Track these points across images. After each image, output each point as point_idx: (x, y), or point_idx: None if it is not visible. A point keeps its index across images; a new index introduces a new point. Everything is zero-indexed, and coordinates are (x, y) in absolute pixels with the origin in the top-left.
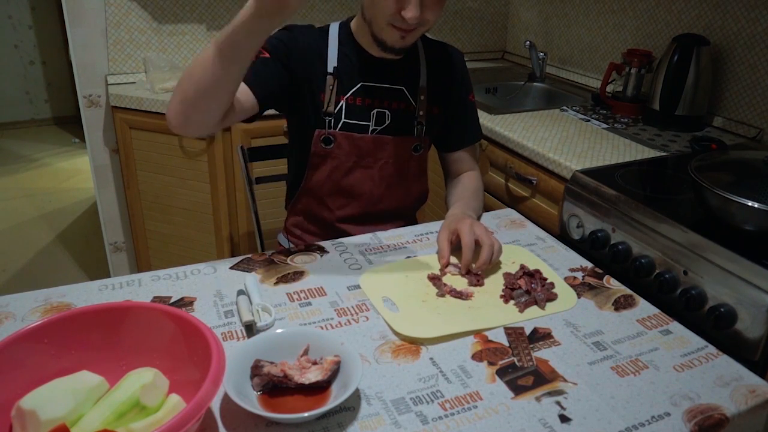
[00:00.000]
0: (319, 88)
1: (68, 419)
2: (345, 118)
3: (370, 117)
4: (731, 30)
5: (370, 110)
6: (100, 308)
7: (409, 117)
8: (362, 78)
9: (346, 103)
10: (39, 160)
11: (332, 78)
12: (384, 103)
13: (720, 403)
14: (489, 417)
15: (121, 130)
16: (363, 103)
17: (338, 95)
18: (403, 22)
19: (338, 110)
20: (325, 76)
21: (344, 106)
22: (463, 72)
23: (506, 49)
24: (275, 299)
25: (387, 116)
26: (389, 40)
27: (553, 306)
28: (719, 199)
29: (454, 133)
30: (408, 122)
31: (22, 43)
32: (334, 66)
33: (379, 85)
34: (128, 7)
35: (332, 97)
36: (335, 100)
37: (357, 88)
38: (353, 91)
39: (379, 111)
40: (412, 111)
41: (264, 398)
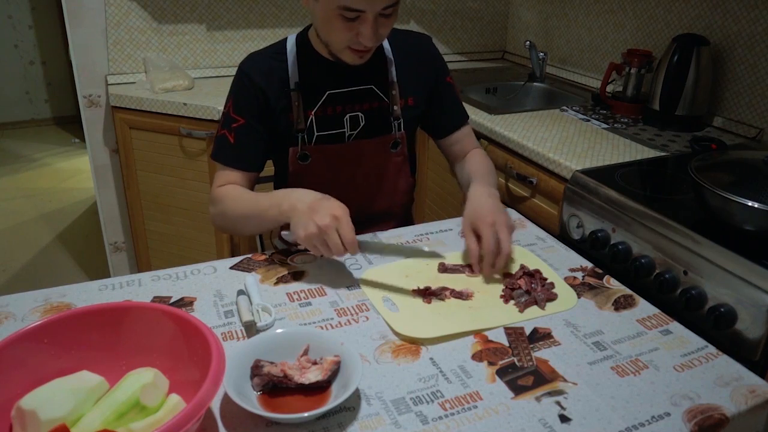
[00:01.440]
0: (287, 109)
1: (68, 419)
2: (317, 131)
3: (343, 123)
4: (731, 30)
5: (342, 117)
6: (100, 308)
7: (384, 114)
8: (327, 87)
9: (315, 116)
10: (39, 160)
11: (296, 94)
12: (355, 107)
13: (720, 403)
14: (489, 417)
15: (121, 130)
16: (333, 111)
17: (306, 110)
18: (360, 45)
19: (309, 125)
20: (289, 94)
21: (314, 120)
22: (434, 56)
23: (506, 49)
24: (275, 299)
25: (361, 118)
26: (348, 60)
27: (553, 306)
28: (719, 199)
29: (443, 118)
30: (384, 120)
31: (22, 43)
32: (295, 81)
33: (346, 90)
34: (128, 7)
35: (300, 113)
36: (304, 116)
37: (324, 99)
38: (321, 102)
39: (352, 115)
40: (386, 107)
41: (264, 398)
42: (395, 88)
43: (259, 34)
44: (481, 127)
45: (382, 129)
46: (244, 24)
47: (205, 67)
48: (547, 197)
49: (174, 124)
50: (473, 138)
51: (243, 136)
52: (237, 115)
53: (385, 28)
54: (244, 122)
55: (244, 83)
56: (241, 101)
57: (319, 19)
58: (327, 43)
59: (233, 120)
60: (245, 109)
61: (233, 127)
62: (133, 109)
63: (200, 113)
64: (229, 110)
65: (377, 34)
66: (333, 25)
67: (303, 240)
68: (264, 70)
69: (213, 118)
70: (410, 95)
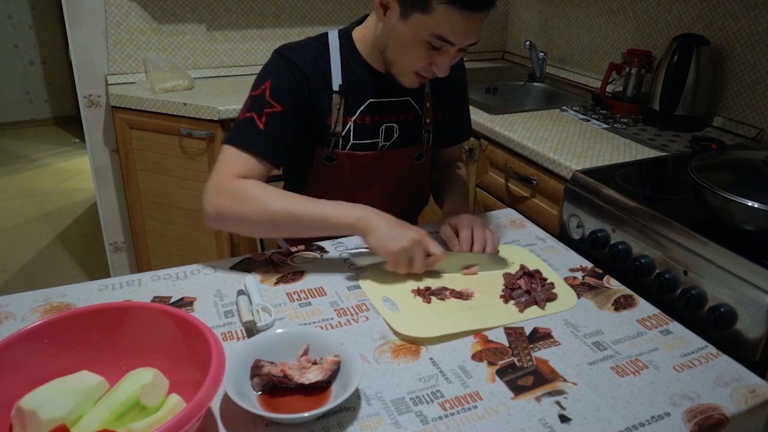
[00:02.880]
0: (326, 110)
1: (68, 419)
2: (354, 139)
3: (378, 134)
4: (731, 30)
5: (378, 127)
6: (100, 308)
7: (416, 126)
8: (370, 95)
9: (354, 124)
10: (39, 160)
11: (339, 97)
12: (392, 118)
13: (720, 403)
14: (489, 417)
15: (121, 130)
16: (372, 120)
17: (345, 116)
18: (430, 74)
19: (346, 132)
20: (330, 95)
21: (352, 127)
22: (462, 70)
23: (506, 49)
24: (275, 299)
25: (395, 130)
26: (407, 83)
27: (553, 306)
28: (719, 199)
29: (452, 129)
30: (416, 132)
31: (22, 43)
32: (339, 84)
33: (386, 100)
34: (128, 7)
35: (339, 117)
36: (343, 121)
37: (365, 107)
38: (361, 110)
39: (388, 126)
40: (419, 120)
41: (264, 398)
42: (430, 100)
43: (259, 34)
44: (481, 127)
45: (413, 140)
46: (244, 24)
47: (205, 67)
48: (547, 197)
49: (174, 124)
50: (460, 150)
51: (275, 123)
52: (273, 100)
53: (455, 61)
54: (281, 110)
55: (288, 69)
56: (283, 87)
57: (399, 38)
58: (393, 62)
59: (268, 104)
60: (285, 95)
61: (266, 111)
62: (133, 109)
63: (200, 113)
64: (264, 93)
65: (450, 66)
66: (413, 50)
67: (395, 251)
68: (309, 62)
69: (213, 118)
70: (440, 108)
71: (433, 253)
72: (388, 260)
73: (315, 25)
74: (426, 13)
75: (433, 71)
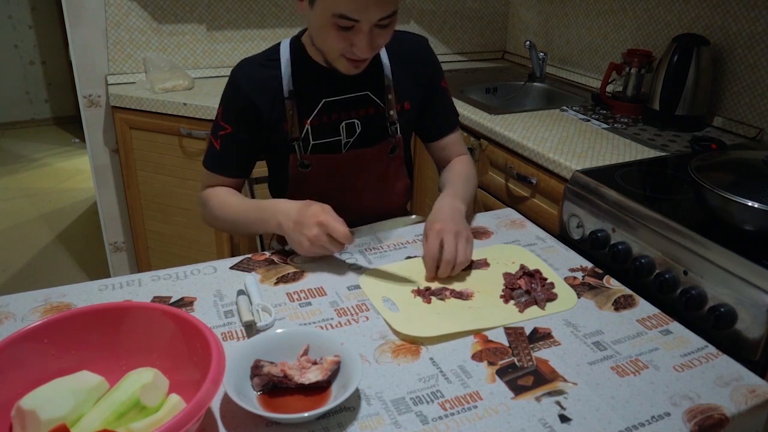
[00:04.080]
0: (281, 118)
1: (68, 419)
2: (313, 140)
3: (339, 131)
4: (731, 30)
5: (338, 125)
6: (100, 308)
7: (380, 120)
8: (323, 95)
9: (311, 126)
10: (39, 160)
11: (290, 103)
12: (351, 114)
13: (720, 403)
14: (489, 417)
15: (121, 130)
16: (329, 119)
17: (301, 119)
18: (356, 55)
19: (304, 134)
20: (283, 102)
21: (309, 129)
22: (430, 59)
23: (506, 49)
24: (275, 299)
25: (357, 125)
26: (343, 69)
27: (553, 306)
28: (719, 199)
29: (433, 122)
30: (380, 126)
31: (22, 43)
32: (289, 90)
33: (342, 98)
34: (128, 7)
35: (294, 122)
36: (299, 125)
37: (320, 107)
38: (317, 111)
39: (348, 122)
40: (382, 113)
41: (264, 398)
42: (391, 92)
43: (259, 34)
44: (481, 127)
45: (379, 135)
46: (244, 24)
47: (205, 67)
48: (547, 197)
49: (174, 124)
50: (461, 145)
51: (228, 144)
52: (225, 123)
53: (381, 39)
54: (230, 131)
55: (233, 92)
56: (230, 109)
57: (314, 26)
58: (321, 50)
59: (221, 127)
60: (233, 118)
61: (220, 134)
62: (133, 109)
63: (200, 113)
64: (218, 117)
65: (373, 45)
66: (328, 33)
67: (304, 253)
68: (255, 79)
69: (213, 118)
70: (406, 99)
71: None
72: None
73: None
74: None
75: (355, 53)
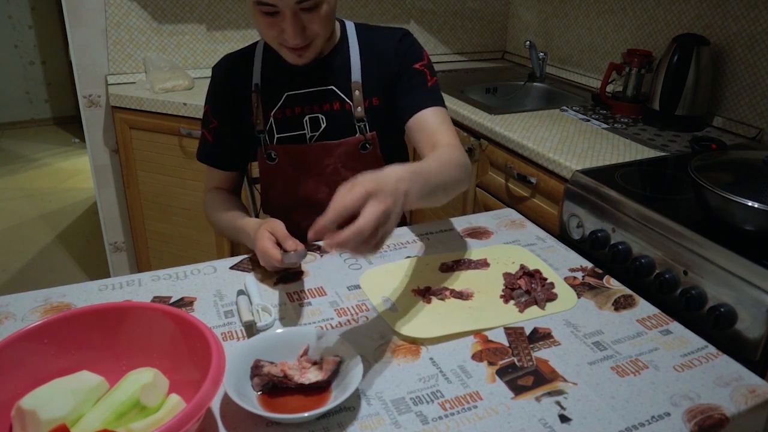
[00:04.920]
0: (249, 110)
1: (68, 419)
2: (277, 132)
3: (303, 125)
4: (731, 30)
5: (301, 118)
6: (100, 308)
7: (345, 116)
8: (286, 88)
9: (275, 118)
10: (39, 160)
11: (256, 96)
12: (314, 108)
13: (720, 403)
14: (489, 417)
15: (121, 130)
16: (293, 113)
17: (266, 112)
18: (288, 42)
19: (269, 126)
20: (250, 95)
21: (273, 121)
22: (401, 48)
23: (506, 49)
24: (275, 299)
25: (321, 120)
26: (288, 59)
27: (553, 306)
28: (719, 199)
29: (403, 99)
30: (347, 121)
31: (22, 43)
32: (255, 83)
33: (305, 91)
34: (128, 7)
35: (259, 114)
36: (264, 118)
37: (283, 100)
38: (280, 104)
39: (312, 117)
40: (348, 109)
41: (264, 398)
42: (358, 88)
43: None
44: (481, 127)
45: (346, 131)
46: (244, 24)
47: (205, 67)
48: (547, 197)
49: (174, 124)
50: (446, 131)
51: (219, 135)
52: (212, 116)
53: (313, 24)
54: (217, 124)
55: (213, 86)
56: (215, 102)
57: (251, 17)
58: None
59: (209, 121)
60: (218, 109)
61: (210, 128)
62: (133, 109)
63: (200, 113)
64: (207, 111)
65: (305, 31)
66: (258, 22)
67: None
68: (230, 72)
69: None
70: (375, 95)
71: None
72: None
73: None
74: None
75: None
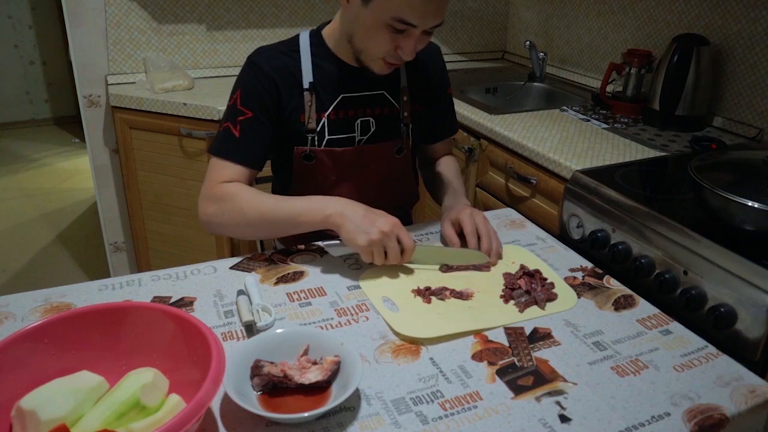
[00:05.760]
0: (299, 109)
1: (68, 419)
2: (329, 134)
3: (354, 128)
4: (731, 30)
5: (353, 121)
6: (100, 308)
7: (394, 120)
8: (342, 90)
9: (328, 119)
10: (39, 160)
11: (309, 94)
12: (367, 111)
13: (720, 403)
14: (489, 417)
15: (121, 130)
16: (346, 115)
17: (318, 112)
18: (397, 59)
19: (320, 127)
20: (301, 93)
21: (326, 123)
22: (442, 66)
23: (506, 49)
24: (275, 299)
25: (372, 123)
26: (377, 70)
27: (553, 306)
28: (719, 199)
29: (433, 127)
30: (393, 125)
31: (22, 43)
32: (309, 81)
33: (360, 95)
34: (128, 7)
35: (312, 114)
36: (316, 117)
37: (338, 102)
38: (334, 105)
39: (363, 120)
40: (396, 113)
41: (264, 398)
42: (406, 94)
43: (259, 34)
44: (481, 127)
45: (391, 134)
46: (244, 24)
47: (205, 67)
48: (547, 197)
49: (174, 124)
50: (449, 145)
51: (249, 129)
52: (244, 108)
53: (422, 45)
54: (251, 115)
55: (255, 75)
56: (251, 93)
57: (363, 25)
58: (361, 49)
59: (240, 112)
60: (254, 101)
61: (239, 120)
62: (133, 109)
63: (200, 113)
64: (235, 102)
65: (416, 49)
66: (377, 35)
67: (364, 246)
68: (277, 65)
69: (213, 118)
70: (418, 102)
71: (403, 243)
72: (359, 253)
73: (315, 24)
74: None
75: (399, 55)
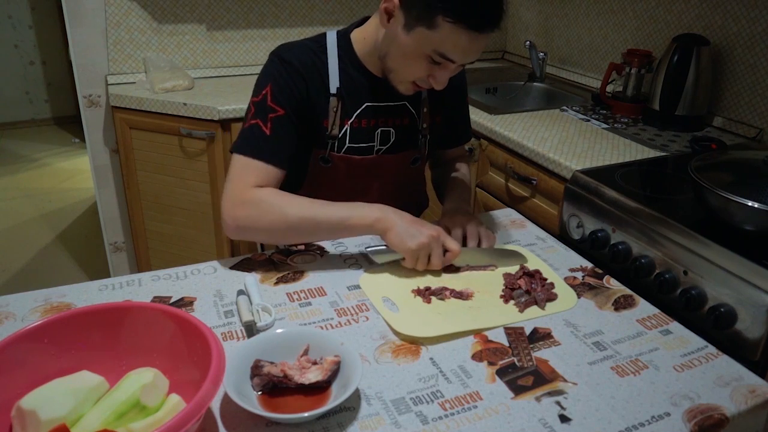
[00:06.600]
0: (323, 112)
1: (68, 419)
2: (349, 142)
3: (374, 137)
4: (731, 30)
5: (374, 130)
6: (100, 308)
7: (412, 131)
8: (366, 98)
9: (351, 127)
10: (39, 160)
11: (336, 100)
12: (388, 122)
13: (720, 403)
14: (489, 417)
15: (121, 130)
16: (368, 124)
17: (342, 119)
18: (427, 85)
19: (342, 134)
20: (327, 97)
21: (349, 130)
22: (462, 77)
23: (506, 49)
24: (275, 299)
25: (392, 134)
26: (402, 90)
27: (553, 306)
28: (719, 199)
29: (452, 132)
30: (412, 136)
31: (22, 43)
32: (336, 87)
33: (383, 104)
34: (128, 7)
35: (336, 120)
36: (340, 124)
37: (361, 110)
38: (358, 113)
39: (384, 130)
40: (415, 125)
41: (264, 398)
42: (427, 105)
43: (259, 34)
44: (481, 127)
45: (409, 145)
46: (244, 24)
47: (205, 67)
48: (547, 197)
49: (174, 124)
50: (464, 150)
51: (280, 128)
52: (275, 105)
53: (453, 73)
54: (283, 113)
55: (287, 71)
56: (283, 90)
57: (401, 48)
58: (393, 69)
59: (271, 110)
60: (286, 98)
61: (270, 117)
62: (133, 109)
63: (200, 113)
64: (265, 98)
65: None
66: (413, 62)
67: (414, 249)
68: (307, 63)
69: (213, 118)
70: (438, 114)
71: (450, 248)
72: (406, 257)
73: (315, 25)
74: (431, 29)
75: (430, 83)
